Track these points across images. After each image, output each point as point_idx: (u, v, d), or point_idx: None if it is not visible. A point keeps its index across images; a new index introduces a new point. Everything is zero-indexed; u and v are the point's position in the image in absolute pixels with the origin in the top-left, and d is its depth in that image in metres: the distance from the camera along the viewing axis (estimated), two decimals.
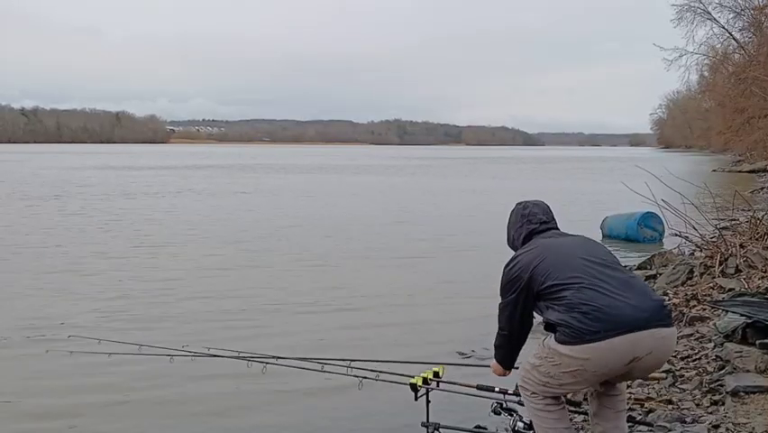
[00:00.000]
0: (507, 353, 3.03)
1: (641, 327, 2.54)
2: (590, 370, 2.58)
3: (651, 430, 3.40)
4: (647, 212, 11.09)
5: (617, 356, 2.54)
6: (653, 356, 2.59)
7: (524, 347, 3.01)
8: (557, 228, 3.10)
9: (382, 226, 14.27)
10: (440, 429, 3.41)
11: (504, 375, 3.13)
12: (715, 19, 32.53)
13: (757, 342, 4.15)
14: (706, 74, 38.37)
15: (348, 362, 3.78)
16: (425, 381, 3.46)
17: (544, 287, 2.73)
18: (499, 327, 3.02)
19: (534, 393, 2.76)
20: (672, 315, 2.82)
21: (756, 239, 7.12)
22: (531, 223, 3.08)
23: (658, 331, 2.57)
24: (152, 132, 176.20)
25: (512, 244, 3.16)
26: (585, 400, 3.37)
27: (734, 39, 33.05)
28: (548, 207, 3.18)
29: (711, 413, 3.60)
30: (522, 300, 2.85)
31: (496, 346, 3.09)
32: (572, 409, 3.63)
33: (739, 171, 35.84)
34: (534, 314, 2.90)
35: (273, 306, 7.27)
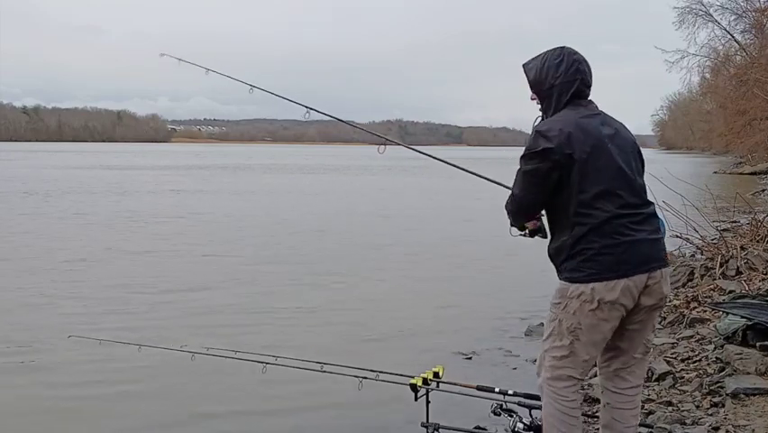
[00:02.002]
0: (520, 217, 2.77)
1: (655, 267, 2.56)
2: (608, 301, 2.51)
3: (651, 432, 3.40)
4: None
5: (633, 285, 2.52)
6: (660, 286, 2.59)
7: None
8: (589, 96, 2.70)
9: (381, 226, 14.28)
10: (440, 430, 3.41)
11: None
12: (716, 21, 32.60)
13: (758, 344, 4.14)
14: (707, 76, 38.32)
15: (348, 362, 3.78)
16: (425, 381, 3.46)
17: (577, 190, 2.51)
18: (512, 193, 2.71)
19: (559, 377, 2.61)
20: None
21: (757, 241, 7.12)
22: (583, 84, 2.65)
23: (665, 270, 2.62)
24: (154, 131, 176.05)
25: (544, 89, 2.67)
26: (585, 401, 3.37)
27: (735, 41, 33.08)
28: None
29: (711, 415, 3.59)
30: (550, 174, 2.53)
31: (507, 210, 2.76)
32: None
33: (740, 173, 35.80)
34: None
35: (273, 306, 7.26)
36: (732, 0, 31.73)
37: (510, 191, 2.75)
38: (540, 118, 2.73)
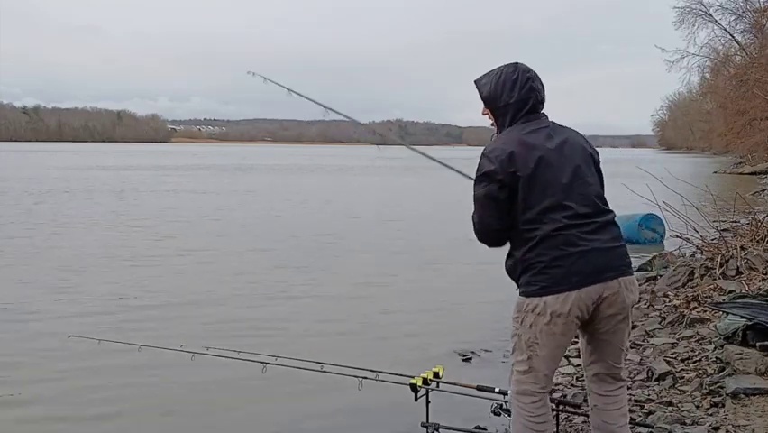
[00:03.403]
0: (491, 242, 2.74)
1: (610, 276, 2.53)
2: (560, 314, 2.49)
3: (651, 432, 3.40)
4: (648, 213, 11.07)
5: (586, 296, 2.49)
6: (620, 295, 2.56)
7: None
8: (543, 111, 2.70)
9: (381, 227, 14.28)
10: (440, 430, 3.41)
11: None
12: (716, 21, 32.69)
13: (758, 344, 4.14)
14: (707, 76, 38.42)
15: (348, 362, 3.78)
16: (425, 381, 3.46)
17: (524, 205, 2.52)
18: (472, 220, 2.72)
19: (524, 392, 2.61)
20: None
21: (757, 241, 7.11)
22: (537, 101, 2.65)
23: (626, 278, 2.59)
24: (153, 131, 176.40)
25: (498, 107, 2.66)
26: (585, 401, 3.36)
27: (735, 41, 33.15)
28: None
29: (711, 415, 3.59)
30: (499, 195, 2.54)
31: (478, 240, 2.76)
32: (572, 410, 3.63)
33: (740, 173, 35.81)
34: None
35: (273, 306, 7.27)
36: (732, 0, 31.80)
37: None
38: (495, 135, 2.73)
